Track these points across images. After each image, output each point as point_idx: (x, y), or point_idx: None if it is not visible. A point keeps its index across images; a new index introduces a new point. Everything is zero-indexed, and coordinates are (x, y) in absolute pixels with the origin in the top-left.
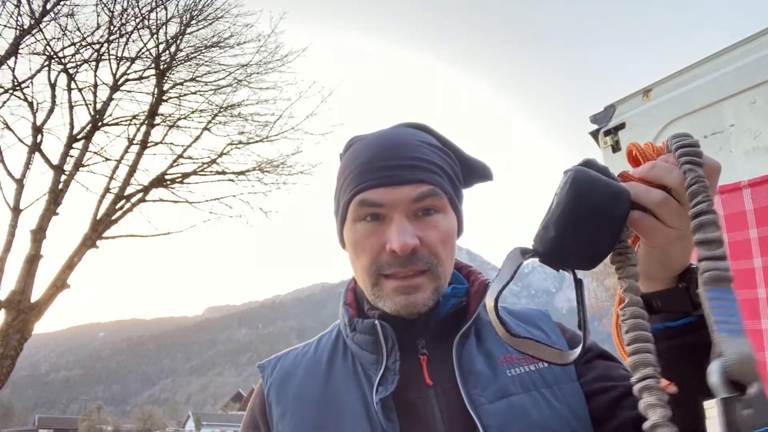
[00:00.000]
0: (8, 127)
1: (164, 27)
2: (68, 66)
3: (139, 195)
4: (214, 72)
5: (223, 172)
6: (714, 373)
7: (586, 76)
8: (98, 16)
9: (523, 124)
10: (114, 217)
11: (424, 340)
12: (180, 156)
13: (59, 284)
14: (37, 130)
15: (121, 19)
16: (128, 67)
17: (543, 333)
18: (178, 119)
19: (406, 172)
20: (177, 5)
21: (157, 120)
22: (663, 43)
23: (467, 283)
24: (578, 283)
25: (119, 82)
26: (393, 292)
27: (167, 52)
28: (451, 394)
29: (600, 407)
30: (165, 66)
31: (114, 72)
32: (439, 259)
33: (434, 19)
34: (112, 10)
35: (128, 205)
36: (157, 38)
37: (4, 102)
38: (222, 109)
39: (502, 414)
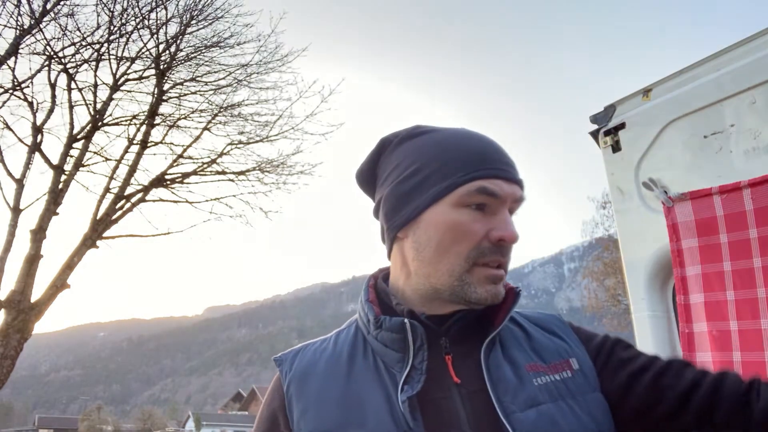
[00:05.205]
0: (8, 127)
1: (164, 27)
2: (68, 66)
3: (139, 195)
4: (214, 72)
5: (223, 172)
6: None
7: (587, 75)
8: (98, 16)
9: (522, 124)
10: (114, 217)
11: (447, 339)
12: (180, 156)
13: (59, 284)
14: (37, 130)
15: (121, 19)
16: (128, 67)
17: (562, 340)
18: (178, 119)
19: (515, 172)
20: (177, 5)
21: (157, 120)
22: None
23: None
24: None
25: (119, 82)
26: (484, 280)
27: (167, 52)
28: (479, 397)
29: (642, 394)
30: (165, 66)
31: (114, 72)
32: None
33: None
34: (112, 10)
35: (128, 205)
36: (157, 38)
37: (4, 102)
38: (222, 109)
39: (532, 422)
